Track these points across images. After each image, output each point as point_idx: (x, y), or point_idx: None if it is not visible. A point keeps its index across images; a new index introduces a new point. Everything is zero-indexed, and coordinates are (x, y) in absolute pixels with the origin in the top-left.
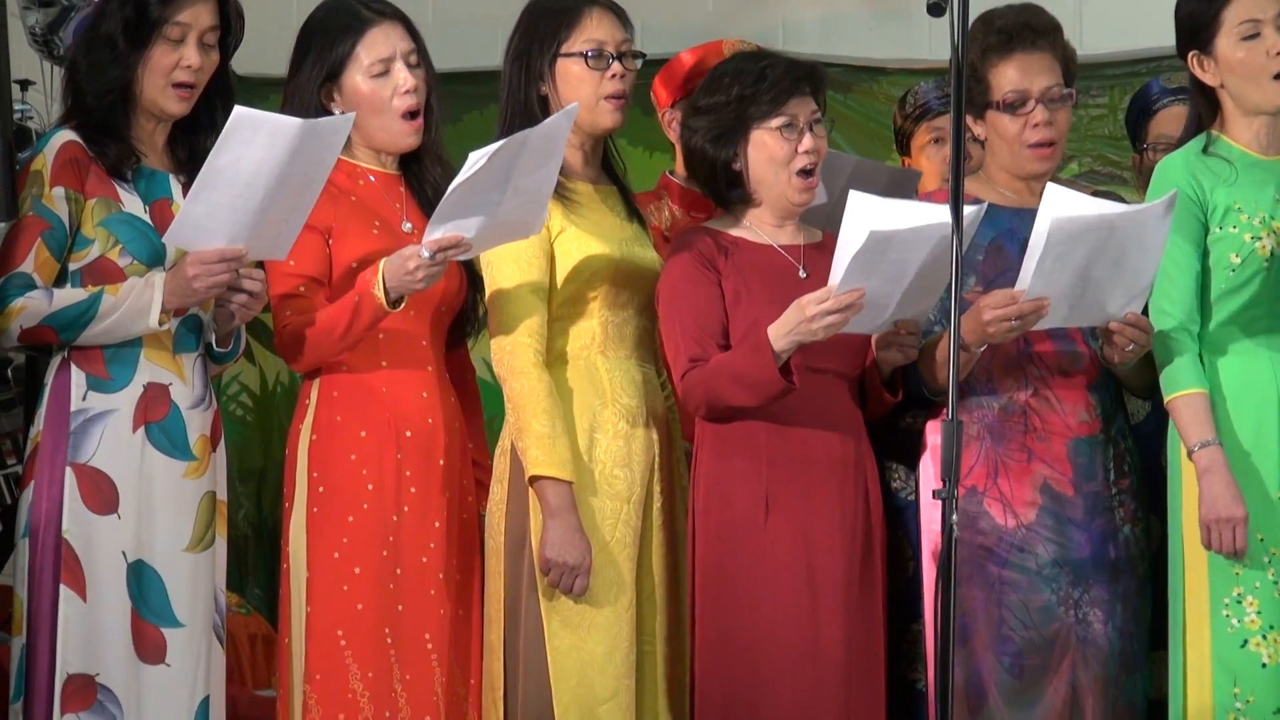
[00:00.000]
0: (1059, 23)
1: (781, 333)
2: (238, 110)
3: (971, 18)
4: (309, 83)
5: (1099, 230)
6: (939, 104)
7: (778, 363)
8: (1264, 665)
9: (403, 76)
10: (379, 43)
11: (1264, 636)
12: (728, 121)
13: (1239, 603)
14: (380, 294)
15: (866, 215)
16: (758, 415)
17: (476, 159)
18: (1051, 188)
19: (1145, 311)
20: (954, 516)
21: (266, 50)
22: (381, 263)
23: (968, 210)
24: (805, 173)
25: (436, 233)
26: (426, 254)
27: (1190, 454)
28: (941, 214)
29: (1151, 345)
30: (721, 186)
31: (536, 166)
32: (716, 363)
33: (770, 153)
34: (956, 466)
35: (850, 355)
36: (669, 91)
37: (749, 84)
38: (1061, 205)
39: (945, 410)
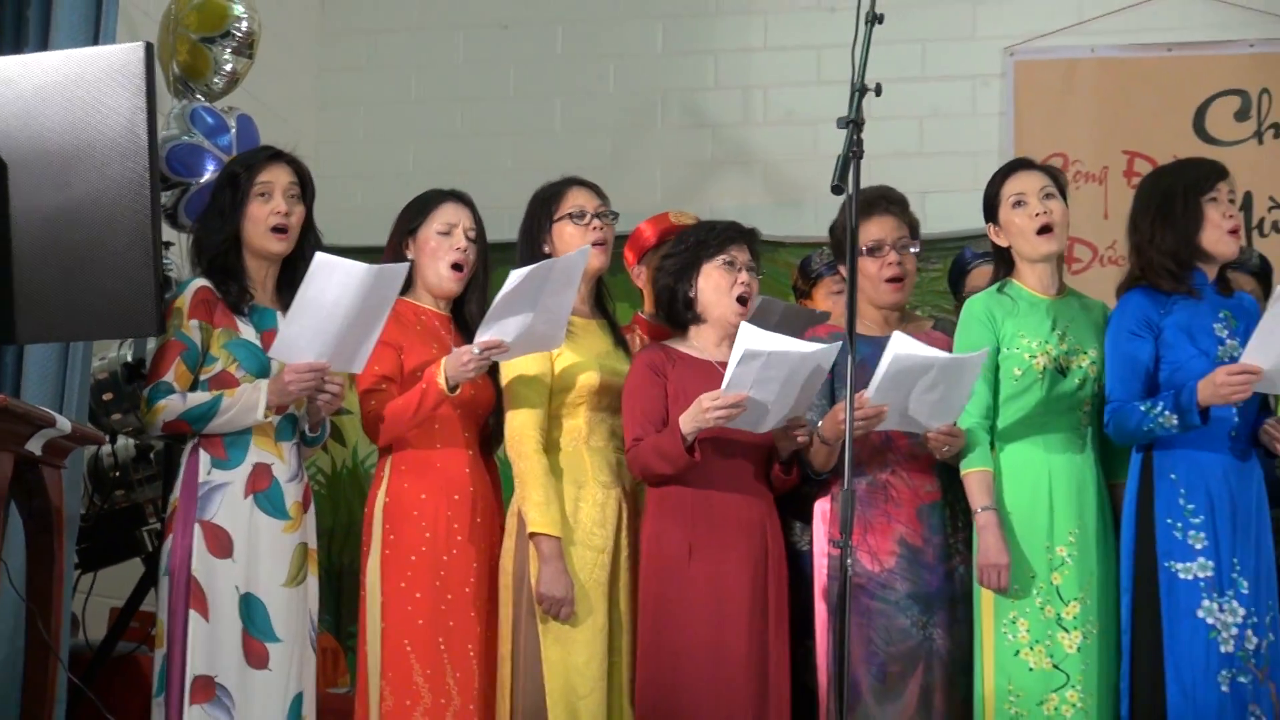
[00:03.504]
0: (906, 199)
1: (687, 419)
2: (318, 255)
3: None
4: (397, 234)
5: (926, 368)
6: (826, 270)
7: (684, 443)
8: (1030, 669)
9: (460, 239)
10: (450, 212)
11: (1030, 648)
12: (686, 261)
13: (1014, 624)
14: (442, 381)
15: (750, 341)
16: (684, 483)
17: (516, 277)
18: (897, 335)
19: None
20: (849, 560)
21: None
22: (443, 359)
23: (829, 346)
24: (741, 300)
25: (485, 334)
26: (477, 350)
27: (974, 514)
28: (808, 347)
29: (962, 444)
30: (680, 311)
31: (559, 291)
32: (647, 441)
33: (716, 282)
34: (850, 523)
35: (756, 439)
36: (635, 252)
37: (702, 234)
38: (902, 346)
39: (835, 483)
